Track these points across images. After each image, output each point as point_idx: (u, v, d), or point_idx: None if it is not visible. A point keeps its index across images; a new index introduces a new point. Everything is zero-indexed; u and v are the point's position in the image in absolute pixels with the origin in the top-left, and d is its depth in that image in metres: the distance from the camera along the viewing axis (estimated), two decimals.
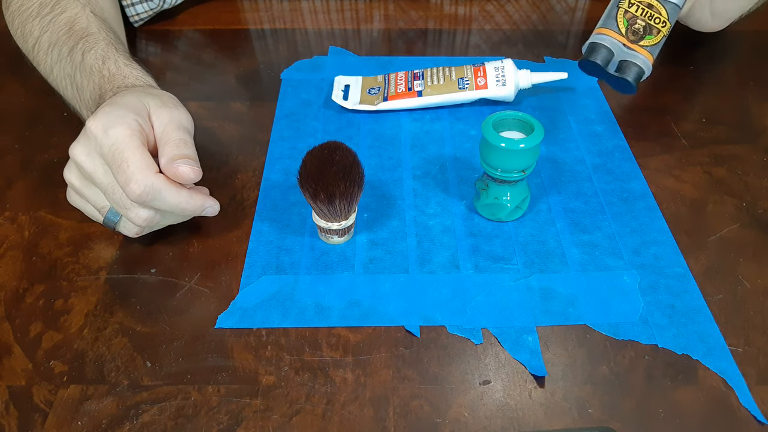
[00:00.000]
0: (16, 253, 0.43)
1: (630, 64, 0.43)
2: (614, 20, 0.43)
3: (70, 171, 0.40)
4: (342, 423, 0.34)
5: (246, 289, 0.40)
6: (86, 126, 0.38)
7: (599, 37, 0.44)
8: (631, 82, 0.43)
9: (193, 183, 0.40)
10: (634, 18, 0.43)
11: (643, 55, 0.43)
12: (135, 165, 0.37)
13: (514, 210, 0.44)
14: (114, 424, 0.34)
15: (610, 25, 0.43)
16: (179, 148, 0.39)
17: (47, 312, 0.39)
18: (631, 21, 0.43)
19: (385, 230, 0.44)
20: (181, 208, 0.39)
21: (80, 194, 0.41)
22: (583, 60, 0.44)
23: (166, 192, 0.38)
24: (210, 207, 0.41)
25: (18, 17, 0.53)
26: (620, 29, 0.43)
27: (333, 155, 0.39)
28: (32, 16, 0.52)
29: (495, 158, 0.41)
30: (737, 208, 0.46)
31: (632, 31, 0.43)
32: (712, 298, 0.40)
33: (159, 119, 0.40)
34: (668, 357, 0.37)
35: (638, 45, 0.43)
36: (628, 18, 0.43)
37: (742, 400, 0.35)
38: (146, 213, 0.39)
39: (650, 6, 0.43)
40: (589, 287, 0.40)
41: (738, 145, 0.52)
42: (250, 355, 0.37)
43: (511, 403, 0.35)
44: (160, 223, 0.41)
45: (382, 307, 0.39)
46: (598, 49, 0.43)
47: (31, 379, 0.36)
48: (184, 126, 0.41)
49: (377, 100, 0.55)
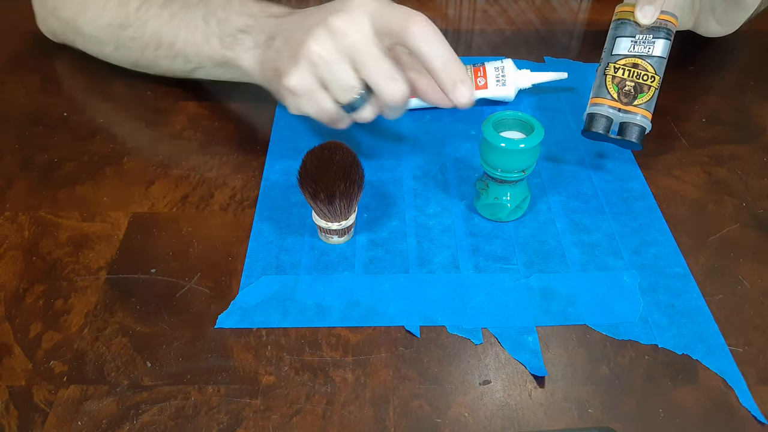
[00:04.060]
0: (16, 253, 0.43)
1: (630, 125, 0.44)
2: (605, 88, 0.45)
3: (320, 44, 0.39)
4: (342, 423, 0.34)
5: (246, 289, 0.40)
6: (349, 2, 0.40)
7: (595, 107, 0.45)
8: (635, 142, 0.44)
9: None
10: (623, 81, 0.45)
11: (640, 113, 0.44)
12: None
13: (514, 210, 0.44)
14: (114, 424, 0.34)
15: (603, 94, 0.45)
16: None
17: (47, 312, 0.39)
18: (621, 85, 0.44)
19: (385, 230, 0.44)
20: (448, 65, 0.40)
21: (326, 75, 0.40)
22: (585, 131, 0.45)
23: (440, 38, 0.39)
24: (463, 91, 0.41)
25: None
26: (612, 95, 0.45)
27: (333, 155, 0.39)
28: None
29: (495, 158, 0.41)
30: (737, 208, 0.46)
31: (624, 94, 0.44)
32: (712, 298, 0.40)
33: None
34: (668, 357, 0.37)
35: (633, 106, 0.44)
36: (617, 83, 0.45)
37: (742, 400, 0.35)
38: (404, 86, 0.40)
39: (635, 66, 0.45)
40: (589, 287, 0.40)
41: (738, 145, 0.52)
42: (250, 355, 0.37)
43: (511, 403, 0.35)
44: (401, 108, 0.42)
45: (382, 307, 0.39)
46: (597, 119, 0.45)
47: (31, 379, 0.36)
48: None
49: None
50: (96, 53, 0.57)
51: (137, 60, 0.54)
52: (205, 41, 0.47)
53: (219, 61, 0.48)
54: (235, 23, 0.46)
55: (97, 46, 0.56)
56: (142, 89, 0.58)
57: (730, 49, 0.64)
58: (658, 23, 0.45)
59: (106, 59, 0.57)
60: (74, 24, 0.55)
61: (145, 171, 0.49)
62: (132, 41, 0.52)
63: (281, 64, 0.42)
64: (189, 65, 0.51)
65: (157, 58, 0.52)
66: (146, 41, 0.51)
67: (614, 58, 0.45)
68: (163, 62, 0.52)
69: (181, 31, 0.49)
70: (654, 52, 0.45)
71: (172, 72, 0.54)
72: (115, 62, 0.57)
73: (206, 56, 0.48)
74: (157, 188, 0.48)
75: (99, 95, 0.57)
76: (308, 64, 0.40)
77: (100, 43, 0.55)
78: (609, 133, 0.45)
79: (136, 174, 0.49)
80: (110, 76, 0.59)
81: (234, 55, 0.46)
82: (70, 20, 0.55)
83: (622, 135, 0.44)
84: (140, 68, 0.56)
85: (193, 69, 0.52)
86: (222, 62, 0.48)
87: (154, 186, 0.48)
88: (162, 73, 0.55)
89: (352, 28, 0.39)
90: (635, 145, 0.44)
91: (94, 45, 0.56)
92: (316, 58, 0.40)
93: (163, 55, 0.51)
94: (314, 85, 0.41)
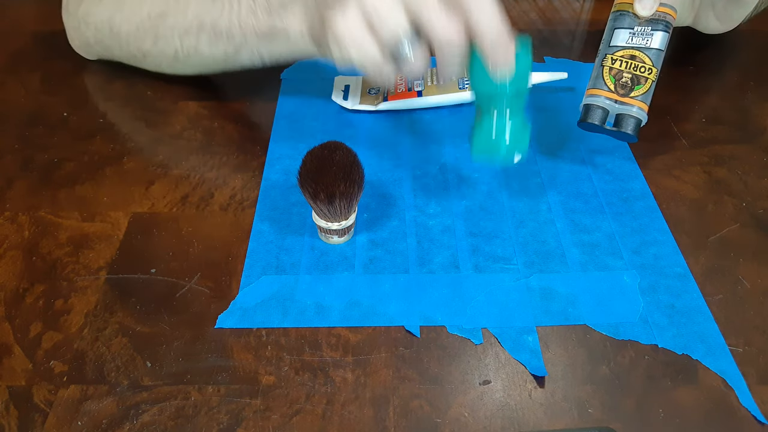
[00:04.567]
0: (16, 253, 0.43)
1: (626, 117, 0.44)
2: (602, 79, 0.45)
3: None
4: (342, 423, 0.34)
5: (246, 289, 0.40)
6: None
7: (591, 98, 0.45)
8: (631, 134, 0.44)
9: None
10: (620, 73, 0.45)
11: (636, 105, 0.44)
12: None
13: (512, 146, 0.39)
14: (114, 424, 0.34)
15: (600, 85, 0.45)
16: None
17: (47, 312, 0.39)
18: (618, 76, 0.44)
19: (385, 230, 0.44)
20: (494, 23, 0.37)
21: (374, 17, 0.38)
22: (581, 122, 0.45)
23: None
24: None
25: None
26: (609, 87, 0.45)
27: (333, 155, 0.39)
28: None
29: (481, 69, 0.38)
30: (737, 208, 0.46)
31: (621, 86, 0.44)
32: (712, 298, 0.40)
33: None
34: (668, 357, 0.37)
35: (629, 97, 0.44)
36: (614, 74, 0.45)
37: (742, 400, 0.35)
38: (459, 24, 0.37)
39: (633, 57, 0.45)
40: (589, 287, 0.40)
41: (738, 145, 0.52)
42: (250, 355, 0.37)
43: (511, 403, 0.35)
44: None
45: (382, 307, 0.39)
46: (593, 110, 0.45)
47: (31, 379, 0.36)
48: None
49: (377, 100, 0.55)
50: (132, 54, 0.56)
51: (177, 51, 0.52)
52: (251, 14, 0.46)
53: (266, 33, 0.46)
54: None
55: (136, 43, 0.54)
56: (142, 89, 0.58)
57: (730, 49, 0.64)
58: (657, 15, 0.45)
59: (143, 59, 0.55)
60: (110, 25, 0.54)
61: (145, 171, 0.49)
62: (172, 30, 0.51)
63: (328, 13, 0.40)
64: (232, 45, 0.49)
65: (198, 44, 0.50)
66: (187, 26, 0.50)
67: (612, 49, 0.45)
68: (205, 48, 0.51)
69: (224, 10, 0.48)
70: (652, 45, 0.45)
71: (213, 58, 0.52)
72: (153, 62, 0.55)
73: (252, 30, 0.47)
74: (157, 188, 0.48)
75: (99, 95, 0.57)
76: (357, 8, 0.38)
77: (138, 39, 0.53)
78: (605, 125, 0.45)
79: (136, 174, 0.49)
80: (110, 76, 0.59)
81: (283, 23, 0.45)
82: (105, 22, 0.54)
83: (618, 126, 0.44)
84: (178, 62, 0.54)
85: (235, 50, 0.49)
86: (268, 34, 0.46)
87: (154, 186, 0.48)
88: (199, 64, 0.53)
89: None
90: (631, 137, 0.44)
91: (132, 43, 0.54)
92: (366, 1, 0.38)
93: (205, 39, 0.50)
94: (361, 28, 0.39)
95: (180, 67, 0.55)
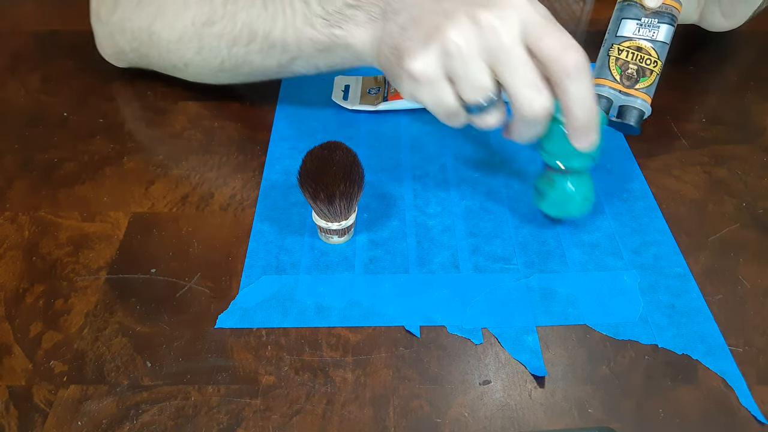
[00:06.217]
0: (16, 253, 0.43)
1: (630, 108, 0.44)
2: (607, 69, 0.45)
3: (462, 34, 0.35)
4: (342, 423, 0.34)
5: (246, 289, 0.40)
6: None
7: (597, 88, 0.45)
8: (633, 126, 0.44)
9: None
10: (626, 64, 0.44)
11: (640, 98, 0.44)
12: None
13: (584, 202, 0.41)
14: (114, 424, 0.34)
15: (605, 75, 0.45)
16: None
17: (47, 312, 0.39)
18: (624, 67, 0.44)
19: (385, 230, 0.44)
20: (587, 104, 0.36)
21: (459, 69, 0.36)
22: None
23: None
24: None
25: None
26: (614, 77, 0.44)
27: (333, 155, 0.39)
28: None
29: (566, 145, 0.38)
30: (737, 208, 0.46)
31: (626, 77, 0.44)
32: (712, 298, 0.40)
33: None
34: (668, 357, 0.37)
35: (634, 89, 0.44)
36: (620, 65, 0.45)
37: (742, 400, 0.35)
38: (549, 100, 0.36)
39: (639, 49, 0.44)
40: (589, 287, 0.40)
41: (738, 145, 0.52)
42: (250, 355, 0.37)
43: (511, 403, 0.35)
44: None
45: (382, 307, 0.39)
46: (598, 100, 0.44)
47: (31, 379, 0.36)
48: None
49: (377, 100, 0.55)
50: (173, 64, 0.52)
51: (223, 61, 0.49)
52: (307, 23, 0.43)
53: (324, 43, 0.44)
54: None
55: (178, 52, 0.50)
56: (142, 89, 0.58)
57: (730, 49, 0.64)
58: (663, 8, 0.45)
59: (184, 69, 0.52)
60: (149, 32, 0.50)
61: (145, 171, 0.49)
62: (219, 39, 0.47)
63: (406, 44, 0.38)
64: (286, 55, 0.46)
65: (248, 54, 0.47)
66: (236, 35, 0.47)
67: (619, 39, 0.45)
68: (256, 57, 0.48)
69: (277, 18, 0.45)
70: (658, 37, 0.45)
71: (264, 69, 0.49)
72: (194, 72, 0.52)
73: (308, 41, 0.44)
74: (157, 188, 0.48)
75: (99, 95, 0.57)
76: (440, 52, 0.36)
77: (181, 48, 0.50)
78: (608, 115, 0.45)
79: (136, 174, 0.49)
80: (110, 76, 0.59)
81: (343, 32, 0.42)
82: (144, 29, 0.51)
83: (621, 118, 0.44)
84: (224, 72, 0.51)
85: (290, 60, 0.47)
86: (327, 44, 0.44)
87: (154, 186, 0.48)
88: (249, 73, 0.50)
89: (503, 27, 0.35)
90: (633, 129, 0.44)
91: (173, 51, 0.51)
92: (453, 48, 0.35)
93: (256, 49, 0.47)
94: (440, 75, 0.37)
95: (225, 77, 0.52)
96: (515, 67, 0.35)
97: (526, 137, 0.39)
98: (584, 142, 0.37)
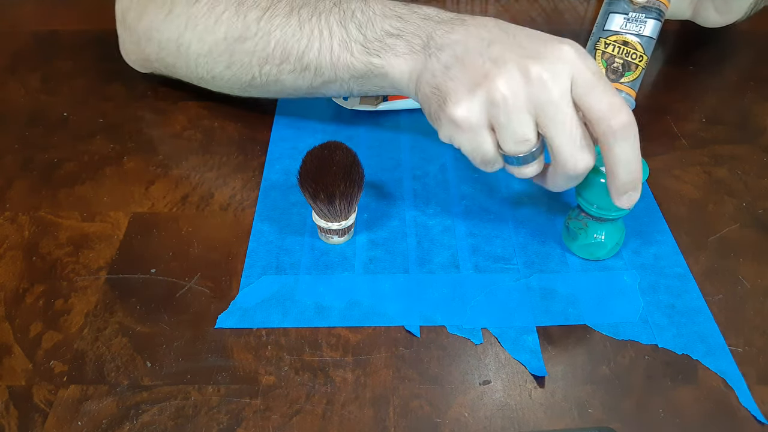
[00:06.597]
0: (16, 253, 0.43)
1: None
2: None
3: (510, 85, 0.34)
4: (342, 423, 0.34)
5: (246, 289, 0.40)
6: (557, 46, 0.34)
7: None
8: None
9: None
10: (612, 57, 0.45)
11: (625, 91, 0.44)
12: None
13: (614, 248, 0.41)
14: (114, 424, 0.34)
15: None
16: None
17: (47, 312, 0.39)
18: (610, 61, 0.45)
19: (385, 230, 0.44)
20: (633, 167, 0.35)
21: (502, 119, 0.35)
22: None
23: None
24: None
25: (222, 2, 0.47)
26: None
27: (333, 155, 0.39)
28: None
29: (604, 197, 0.37)
30: (737, 208, 0.46)
31: (612, 71, 0.44)
32: (712, 298, 0.40)
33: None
34: (668, 357, 0.37)
35: (619, 83, 0.44)
36: (606, 59, 0.45)
37: (742, 400, 0.35)
38: (592, 158, 0.35)
39: (625, 43, 0.45)
40: (589, 287, 0.40)
41: (738, 145, 0.52)
42: (250, 355, 0.37)
43: (511, 403, 0.35)
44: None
45: (382, 307, 0.39)
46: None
47: (31, 379, 0.36)
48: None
49: (377, 100, 0.55)
50: (200, 76, 0.51)
51: (254, 77, 0.47)
52: (344, 49, 0.42)
53: (360, 71, 0.42)
54: (381, 26, 0.41)
55: (207, 66, 0.49)
56: (142, 89, 0.58)
57: (730, 49, 0.64)
58: (651, 3, 0.45)
59: (211, 81, 0.50)
60: (178, 43, 0.49)
61: (145, 171, 0.49)
62: (251, 56, 0.46)
63: (450, 86, 0.36)
64: (319, 79, 0.45)
65: (280, 73, 0.46)
66: (268, 54, 0.45)
67: (606, 33, 0.45)
68: (287, 78, 0.46)
69: (313, 40, 0.43)
70: (644, 32, 0.45)
71: (295, 89, 0.47)
72: (222, 84, 0.50)
73: (345, 66, 0.42)
74: (157, 188, 0.48)
75: (99, 95, 0.57)
76: (486, 100, 0.35)
77: (210, 62, 0.48)
78: None
79: (136, 174, 0.49)
80: (110, 76, 0.59)
81: (382, 62, 0.41)
82: (173, 40, 0.49)
83: None
84: (253, 88, 0.49)
85: (322, 83, 0.45)
86: (364, 72, 0.42)
87: (154, 186, 0.48)
88: (279, 91, 0.48)
89: (553, 81, 0.34)
90: None
91: (202, 65, 0.49)
92: (499, 98, 0.34)
93: (288, 69, 0.45)
94: (483, 123, 0.36)
95: (254, 92, 0.50)
96: (562, 123, 0.34)
97: (562, 188, 0.38)
98: (625, 201, 0.36)
